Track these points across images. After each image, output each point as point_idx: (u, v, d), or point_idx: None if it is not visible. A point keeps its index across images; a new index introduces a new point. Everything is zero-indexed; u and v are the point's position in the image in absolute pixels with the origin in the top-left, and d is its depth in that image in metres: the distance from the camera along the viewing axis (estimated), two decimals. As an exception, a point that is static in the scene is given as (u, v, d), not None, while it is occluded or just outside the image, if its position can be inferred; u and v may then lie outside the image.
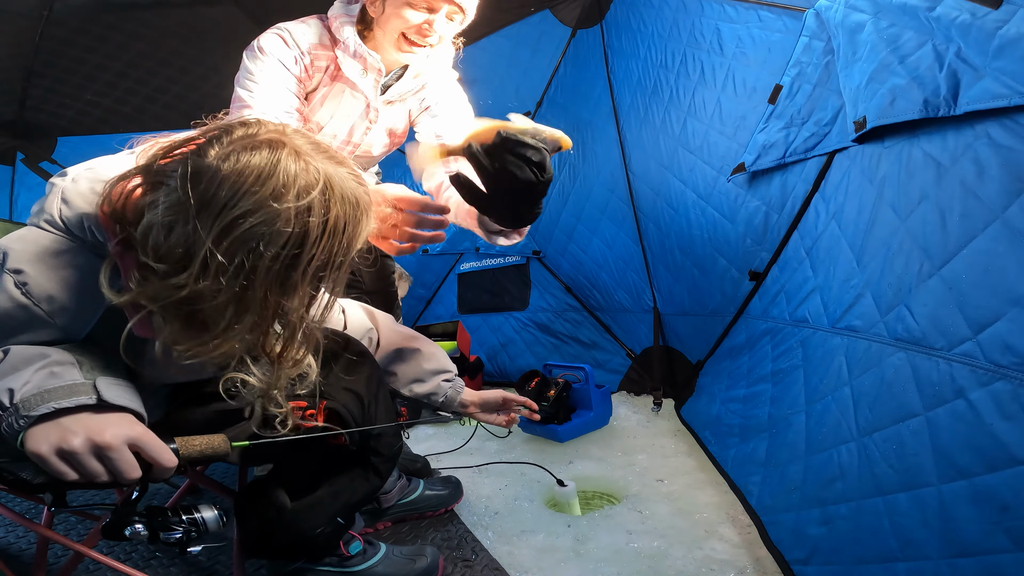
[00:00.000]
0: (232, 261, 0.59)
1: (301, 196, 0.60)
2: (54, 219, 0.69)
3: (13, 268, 0.65)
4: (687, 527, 1.26)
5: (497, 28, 2.52)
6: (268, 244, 0.60)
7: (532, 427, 1.97)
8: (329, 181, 0.63)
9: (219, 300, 0.61)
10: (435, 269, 3.63)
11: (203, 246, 0.58)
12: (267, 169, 0.60)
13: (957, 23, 0.90)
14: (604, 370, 2.58)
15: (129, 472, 0.59)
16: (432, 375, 1.16)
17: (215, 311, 0.62)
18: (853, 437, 1.01)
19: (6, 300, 0.65)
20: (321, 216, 0.62)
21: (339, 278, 0.70)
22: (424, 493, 1.42)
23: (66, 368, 0.62)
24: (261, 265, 0.60)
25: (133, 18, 2.15)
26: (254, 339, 0.67)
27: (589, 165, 2.62)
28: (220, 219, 0.59)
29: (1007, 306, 0.75)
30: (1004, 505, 0.67)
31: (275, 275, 0.62)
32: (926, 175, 0.98)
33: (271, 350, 0.70)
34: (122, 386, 0.64)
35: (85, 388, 0.59)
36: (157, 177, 0.64)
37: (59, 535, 0.73)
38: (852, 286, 1.18)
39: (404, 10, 1.15)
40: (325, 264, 0.65)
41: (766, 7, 1.63)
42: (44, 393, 0.57)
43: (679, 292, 2.18)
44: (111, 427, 0.58)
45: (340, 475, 0.96)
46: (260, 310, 0.63)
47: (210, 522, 0.69)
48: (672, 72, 2.07)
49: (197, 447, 0.68)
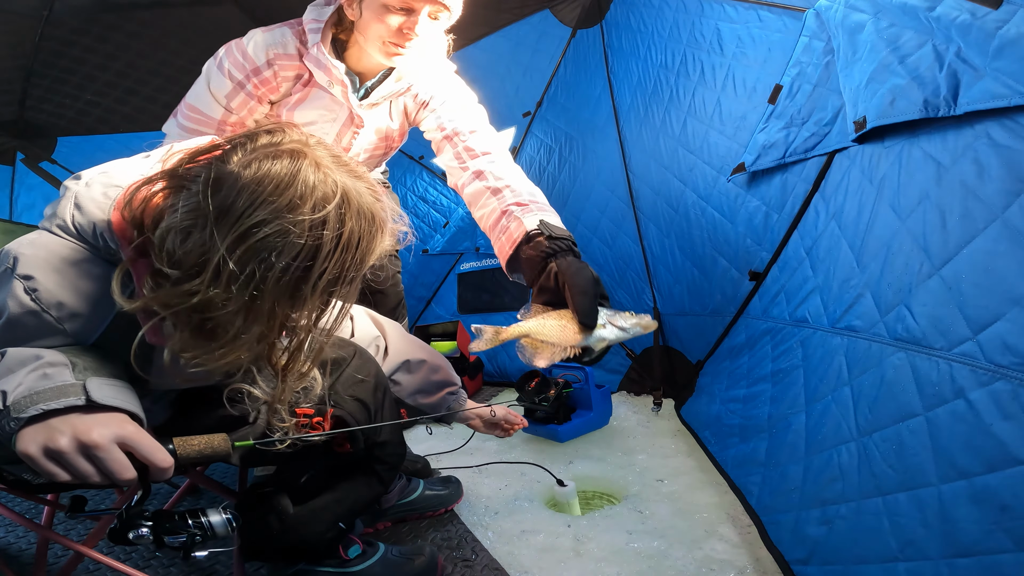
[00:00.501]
0: (243, 270, 0.60)
1: (317, 208, 0.61)
2: (67, 225, 0.69)
3: (23, 274, 0.65)
4: (687, 527, 1.26)
5: (497, 28, 2.52)
6: (280, 255, 0.60)
7: (532, 427, 1.96)
8: (347, 194, 0.63)
9: (228, 309, 0.61)
10: (435, 269, 3.63)
11: (217, 253, 0.59)
12: (286, 179, 0.61)
13: (957, 23, 0.90)
14: (604, 370, 2.57)
15: (121, 472, 0.58)
16: (437, 387, 1.18)
17: (224, 320, 0.62)
18: (853, 437, 1.01)
19: (16, 306, 0.65)
20: (335, 230, 0.62)
21: (350, 293, 0.71)
22: (424, 493, 1.42)
23: (58, 369, 0.61)
24: (271, 276, 0.61)
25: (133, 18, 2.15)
26: (260, 350, 0.67)
27: (589, 165, 2.62)
28: (236, 227, 0.59)
29: (1007, 306, 0.75)
30: (1004, 505, 0.67)
31: (285, 287, 0.62)
32: (926, 175, 0.98)
33: (277, 362, 0.70)
34: (115, 386, 0.63)
35: (74, 389, 0.59)
36: (180, 182, 0.64)
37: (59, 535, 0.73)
38: (852, 286, 1.17)
39: (382, 14, 1.11)
40: (336, 278, 0.65)
41: (766, 7, 1.63)
42: (34, 395, 0.57)
43: (679, 292, 2.18)
44: (98, 426, 0.58)
45: (343, 481, 0.97)
46: (268, 321, 0.64)
47: (217, 526, 0.69)
48: (672, 72, 2.07)
49: (195, 447, 0.67)
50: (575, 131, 2.68)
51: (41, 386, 0.58)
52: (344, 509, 0.97)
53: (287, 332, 0.69)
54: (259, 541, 0.96)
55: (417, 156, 3.44)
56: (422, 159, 3.44)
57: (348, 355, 0.94)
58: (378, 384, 0.95)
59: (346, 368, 0.91)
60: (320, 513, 0.94)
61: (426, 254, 3.56)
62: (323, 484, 0.96)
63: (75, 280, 0.67)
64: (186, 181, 0.64)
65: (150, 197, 0.66)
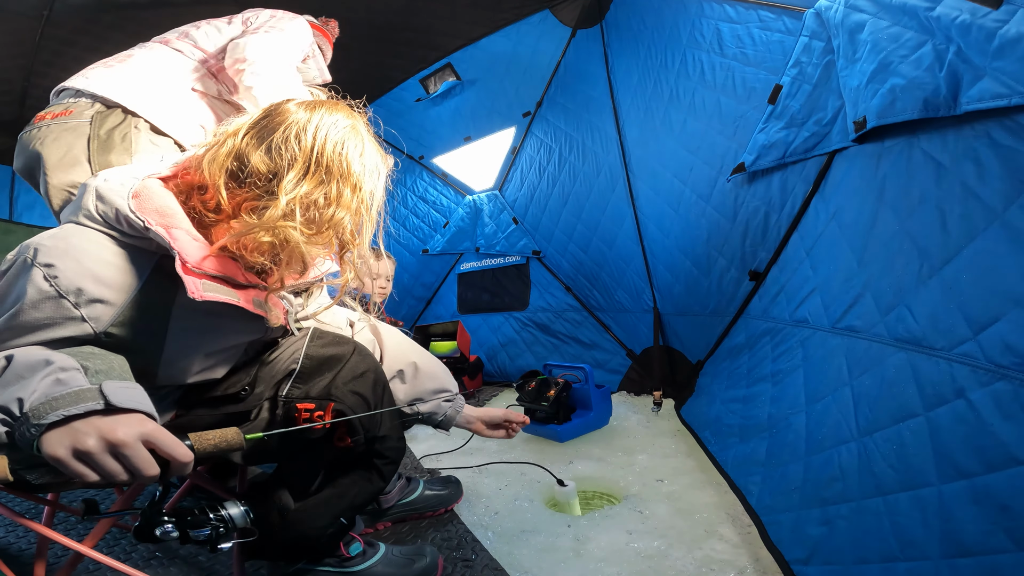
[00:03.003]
0: (322, 162, 0.82)
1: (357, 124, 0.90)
2: (91, 213, 0.76)
3: (44, 262, 0.69)
4: (687, 527, 1.26)
5: (497, 28, 2.52)
6: (342, 147, 0.84)
7: (532, 427, 1.97)
8: (365, 128, 0.90)
9: (318, 196, 0.81)
10: (435, 269, 3.63)
11: (308, 154, 0.81)
12: (337, 110, 0.88)
13: (957, 23, 0.90)
14: (604, 370, 2.58)
15: (147, 468, 0.60)
16: (432, 394, 1.19)
17: (320, 209, 0.82)
18: (853, 437, 1.01)
19: (35, 292, 0.68)
20: (365, 140, 0.88)
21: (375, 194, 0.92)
22: (424, 493, 1.42)
23: (71, 374, 0.63)
24: (340, 158, 0.83)
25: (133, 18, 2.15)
26: (343, 226, 0.85)
27: (589, 165, 2.62)
28: (315, 138, 0.82)
29: (1007, 306, 0.75)
30: (1004, 505, 0.67)
31: (348, 168, 0.84)
32: (926, 175, 0.98)
33: (347, 241, 0.88)
34: (129, 388, 0.65)
35: (92, 394, 0.61)
36: (262, 130, 0.83)
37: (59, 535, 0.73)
38: (852, 286, 1.18)
39: None
40: (366, 170, 0.87)
41: (766, 7, 1.63)
42: (52, 401, 0.59)
43: (679, 292, 2.18)
44: (122, 426, 0.60)
45: (344, 476, 0.97)
46: (341, 201, 0.83)
47: (237, 518, 0.71)
48: (672, 72, 2.07)
49: (211, 441, 0.69)
50: (575, 131, 2.68)
51: (57, 392, 0.60)
52: (345, 504, 0.97)
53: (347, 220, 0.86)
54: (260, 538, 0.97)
55: (417, 156, 3.44)
56: (422, 159, 3.45)
57: (347, 351, 0.95)
58: (377, 379, 0.96)
59: (346, 363, 0.93)
60: (321, 508, 0.95)
61: (426, 254, 3.56)
62: (323, 479, 0.97)
63: (94, 268, 0.71)
64: (274, 123, 0.83)
65: (232, 153, 0.82)
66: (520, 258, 3.10)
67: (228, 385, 0.91)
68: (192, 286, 0.74)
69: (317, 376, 0.90)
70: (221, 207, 0.80)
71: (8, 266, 0.72)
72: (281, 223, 0.78)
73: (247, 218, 0.79)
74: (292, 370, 0.90)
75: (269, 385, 0.91)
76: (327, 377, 0.90)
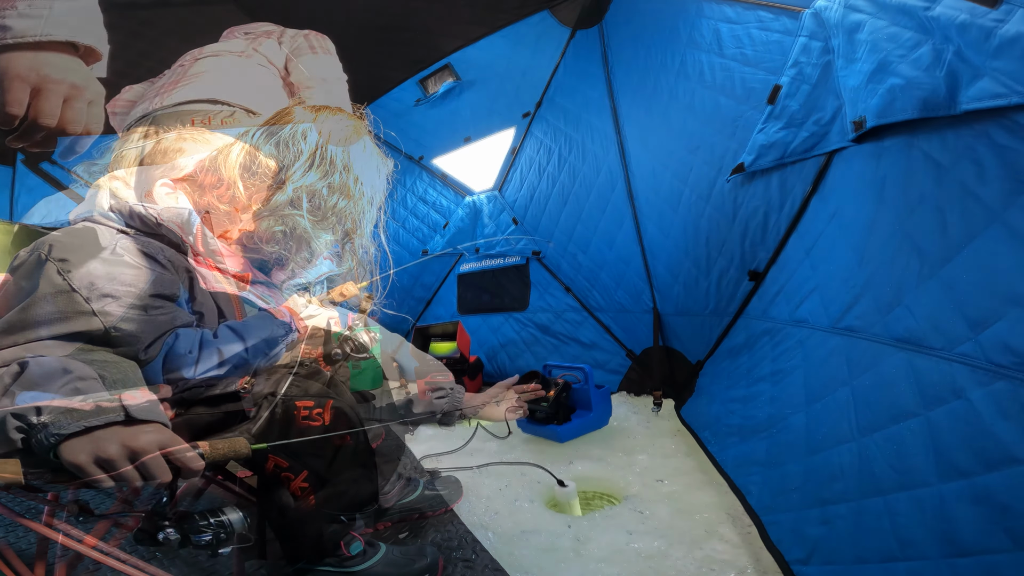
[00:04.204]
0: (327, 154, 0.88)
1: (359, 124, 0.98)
2: (105, 211, 0.80)
3: (59, 257, 0.72)
4: (687, 527, 1.26)
5: (496, 28, 2.51)
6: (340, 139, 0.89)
7: (532, 427, 1.97)
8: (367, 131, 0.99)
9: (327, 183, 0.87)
10: (435, 269, 3.63)
11: (319, 144, 0.87)
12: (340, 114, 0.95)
13: (956, 23, 0.90)
14: (604, 370, 2.58)
15: (162, 475, 0.64)
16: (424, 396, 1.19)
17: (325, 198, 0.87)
18: (853, 437, 1.01)
19: (48, 286, 0.70)
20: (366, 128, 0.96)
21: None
22: (424, 493, 1.42)
23: (89, 384, 0.65)
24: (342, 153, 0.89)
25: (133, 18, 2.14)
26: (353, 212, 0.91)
27: (589, 165, 2.62)
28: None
29: (1007, 306, 0.75)
30: (1004, 505, 0.67)
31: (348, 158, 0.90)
32: (926, 175, 0.98)
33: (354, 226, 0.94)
34: (146, 400, 0.68)
35: (114, 409, 0.63)
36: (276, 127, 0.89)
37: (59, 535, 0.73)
38: (851, 286, 1.17)
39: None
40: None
41: (765, 7, 1.63)
42: (73, 411, 0.61)
43: (679, 292, 2.18)
44: (143, 435, 0.63)
45: (344, 475, 0.97)
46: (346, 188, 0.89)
47: (236, 523, 0.73)
48: (671, 72, 2.07)
49: (221, 451, 0.72)
50: (574, 131, 2.68)
51: (77, 402, 0.63)
52: (345, 502, 0.98)
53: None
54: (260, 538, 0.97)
55: (417, 156, 3.44)
56: (422, 159, 3.45)
57: (349, 349, 0.96)
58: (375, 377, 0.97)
59: (345, 363, 0.94)
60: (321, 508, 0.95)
61: (426, 255, 3.56)
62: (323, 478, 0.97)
63: (106, 264, 0.74)
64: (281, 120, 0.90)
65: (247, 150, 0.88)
66: (520, 259, 3.10)
67: (227, 383, 0.91)
68: (205, 277, 0.80)
69: (316, 375, 0.91)
70: (237, 199, 0.86)
71: (22, 261, 0.74)
72: (288, 210, 0.83)
73: (257, 208, 0.86)
74: (291, 368, 0.91)
75: (268, 383, 0.91)
76: (326, 375, 0.91)
